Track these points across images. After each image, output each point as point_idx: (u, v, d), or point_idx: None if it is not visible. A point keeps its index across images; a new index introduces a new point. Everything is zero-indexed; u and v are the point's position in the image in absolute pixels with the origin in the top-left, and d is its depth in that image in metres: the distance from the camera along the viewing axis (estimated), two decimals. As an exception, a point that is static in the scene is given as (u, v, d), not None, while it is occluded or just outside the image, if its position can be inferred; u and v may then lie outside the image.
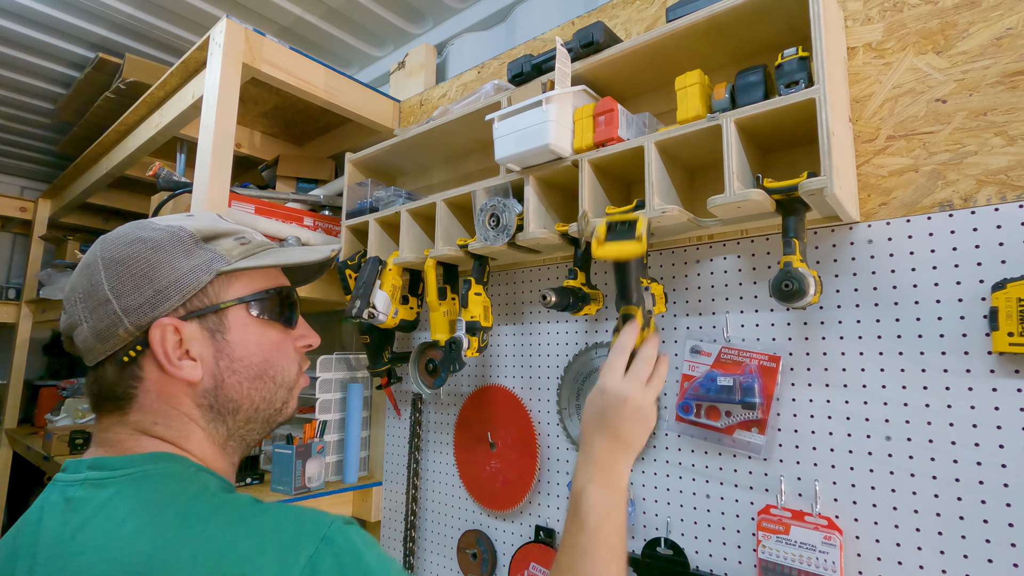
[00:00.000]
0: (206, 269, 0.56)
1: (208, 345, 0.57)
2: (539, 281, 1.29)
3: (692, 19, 0.90)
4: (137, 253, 0.55)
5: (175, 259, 0.55)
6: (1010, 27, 0.77)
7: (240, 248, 0.60)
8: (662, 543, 1.01)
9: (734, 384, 0.93)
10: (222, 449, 0.59)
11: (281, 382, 0.62)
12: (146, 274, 0.54)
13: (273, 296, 0.62)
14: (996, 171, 0.77)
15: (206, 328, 0.57)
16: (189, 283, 0.55)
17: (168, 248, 0.56)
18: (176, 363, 0.55)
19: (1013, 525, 0.71)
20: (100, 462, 0.53)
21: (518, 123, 0.99)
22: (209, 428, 0.58)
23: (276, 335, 0.62)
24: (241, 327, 0.59)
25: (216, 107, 1.27)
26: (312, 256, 0.66)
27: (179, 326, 0.55)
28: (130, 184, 2.49)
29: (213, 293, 0.57)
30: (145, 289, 0.54)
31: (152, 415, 0.55)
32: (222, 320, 0.58)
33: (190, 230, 0.58)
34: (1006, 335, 0.71)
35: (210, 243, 0.58)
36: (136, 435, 0.55)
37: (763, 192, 0.79)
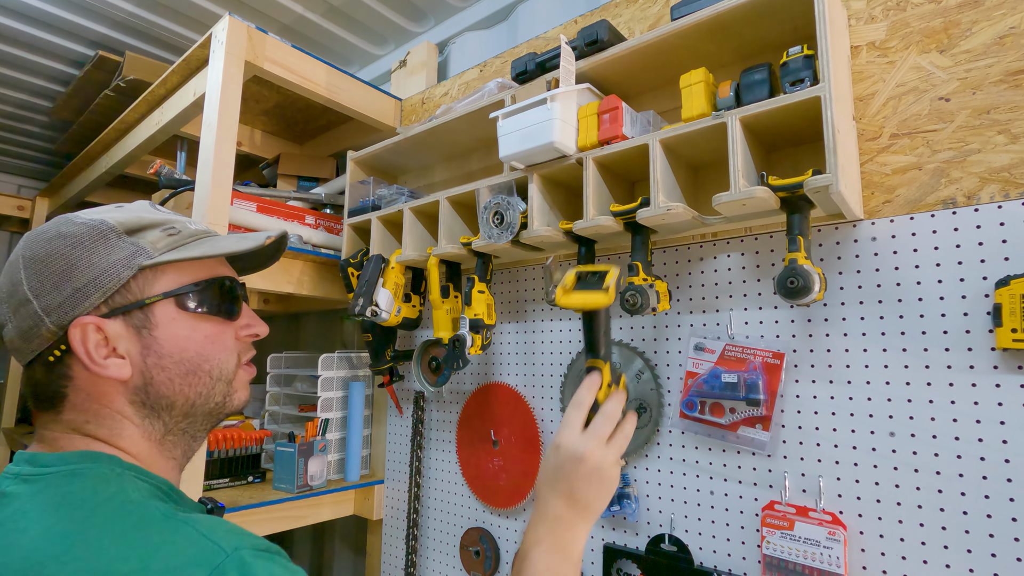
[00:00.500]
0: (127, 264, 0.54)
1: (135, 342, 0.55)
2: (542, 279, 1.30)
3: (697, 17, 0.90)
4: (56, 250, 0.53)
5: (95, 255, 0.53)
6: (1013, 26, 0.78)
7: (167, 239, 0.57)
8: (666, 539, 1.01)
9: (738, 381, 0.93)
10: (159, 445, 0.58)
11: (218, 376, 0.60)
12: (64, 272, 0.52)
13: (206, 288, 0.59)
14: (999, 169, 0.77)
15: (131, 325, 0.55)
16: (109, 279, 0.53)
17: (88, 244, 0.53)
18: (100, 362, 0.53)
19: (1016, 520, 0.72)
20: (35, 458, 0.53)
21: (522, 121, 1.00)
22: (144, 425, 0.56)
23: (211, 328, 0.60)
24: (169, 322, 0.56)
25: (219, 105, 1.26)
26: (244, 244, 0.61)
27: (101, 324, 0.53)
28: (130, 182, 2.49)
29: (137, 288, 0.55)
30: (64, 288, 0.52)
31: (84, 414, 0.54)
32: (148, 316, 0.55)
33: (111, 223, 0.55)
34: (1010, 331, 0.72)
35: (134, 236, 0.56)
36: (69, 434, 0.54)
37: (768, 190, 0.80)
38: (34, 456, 0.53)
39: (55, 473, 0.51)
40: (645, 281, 0.95)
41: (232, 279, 0.63)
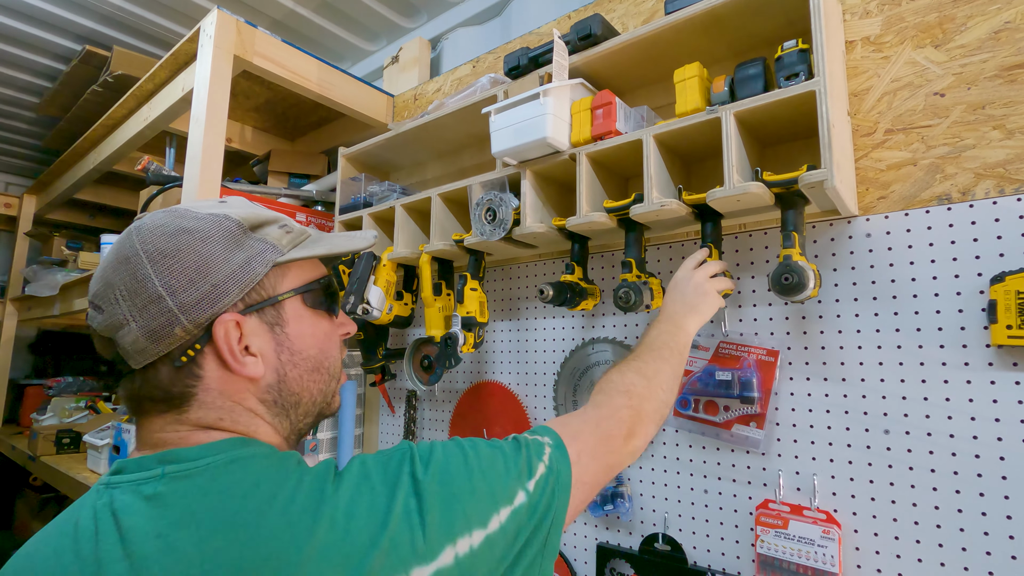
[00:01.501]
0: (262, 261, 0.54)
1: (268, 339, 0.54)
2: (535, 276, 1.29)
3: (691, 11, 0.89)
4: (186, 245, 0.51)
5: (227, 250, 0.52)
6: (1008, 21, 0.77)
7: (287, 237, 0.57)
8: (660, 539, 1.00)
9: (732, 378, 0.92)
10: (286, 442, 0.57)
11: (333, 373, 0.61)
12: (200, 268, 0.50)
13: (322, 286, 0.60)
14: (994, 164, 0.77)
15: (265, 322, 0.54)
16: (246, 276, 0.52)
17: (217, 238, 0.52)
18: (241, 360, 0.52)
19: (1011, 518, 0.71)
20: (172, 455, 0.49)
21: (515, 116, 0.98)
22: (275, 423, 0.55)
23: (326, 325, 0.60)
24: (297, 319, 0.56)
25: (207, 100, 1.24)
26: (357, 243, 0.63)
27: (240, 321, 0.52)
28: (118, 179, 2.46)
29: (270, 285, 0.54)
30: (201, 284, 0.50)
31: (216, 411, 0.52)
32: (280, 313, 0.55)
33: (236, 218, 0.54)
34: (1005, 328, 0.71)
35: (257, 232, 0.55)
36: (202, 430, 0.52)
37: (762, 185, 0.79)
38: (172, 453, 0.50)
39: (215, 462, 0.48)
40: (639, 278, 0.94)
41: (333, 279, 0.64)
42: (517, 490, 0.52)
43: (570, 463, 0.58)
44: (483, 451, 0.55)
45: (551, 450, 0.58)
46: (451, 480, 0.50)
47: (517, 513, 0.51)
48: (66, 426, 2.14)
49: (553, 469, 0.56)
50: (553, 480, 0.55)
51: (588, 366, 1.15)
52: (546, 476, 0.55)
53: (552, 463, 0.56)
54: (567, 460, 0.58)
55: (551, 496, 0.54)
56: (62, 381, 2.62)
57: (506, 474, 0.53)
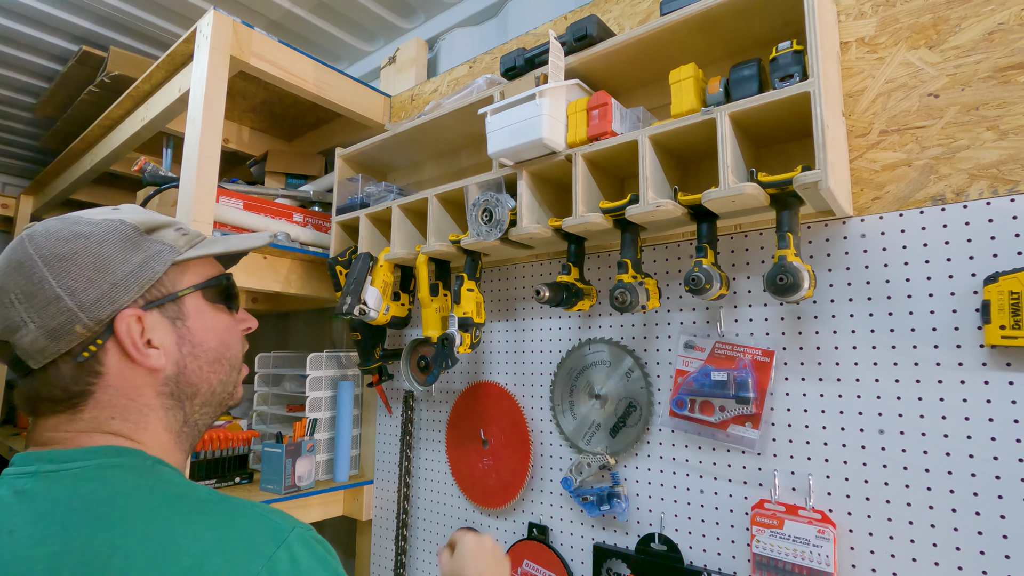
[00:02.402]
0: (160, 260, 0.58)
1: (170, 333, 0.58)
2: (532, 277, 1.29)
3: (686, 13, 0.89)
4: (82, 248, 0.54)
5: (125, 251, 0.56)
6: (1002, 22, 0.78)
7: (184, 238, 0.62)
8: (656, 539, 1.00)
9: (728, 379, 0.92)
10: (177, 437, 0.60)
11: (234, 364, 0.65)
12: (98, 268, 0.54)
13: (222, 282, 0.65)
14: (988, 165, 0.77)
15: (166, 317, 0.58)
16: (145, 274, 0.56)
17: (116, 241, 0.56)
18: (143, 352, 0.56)
19: (1005, 517, 0.72)
20: (52, 455, 0.52)
21: (511, 117, 0.99)
22: (167, 416, 0.59)
23: (227, 319, 0.65)
24: (198, 313, 0.61)
25: (203, 101, 1.24)
26: (252, 243, 0.68)
27: (141, 316, 0.56)
28: (115, 180, 2.45)
29: (169, 282, 0.59)
30: (100, 283, 0.54)
31: (110, 410, 0.55)
32: (180, 308, 0.59)
33: (131, 223, 0.58)
34: (998, 328, 0.71)
35: (154, 234, 0.59)
36: (88, 432, 0.54)
37: (757, 186, 0.79)
38: (51, 453, 0.52)
39: (84, 467, 0.51)
40: (635, 279, 0.94)
41: (231, 276, 0.68)
42: None
43: None
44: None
45: None
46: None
47: None
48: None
49: None
50: None
51: (585, 366, 1.15)
52: None
53: None
54: None
55: None
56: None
57: None
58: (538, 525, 1.19)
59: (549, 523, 1.18)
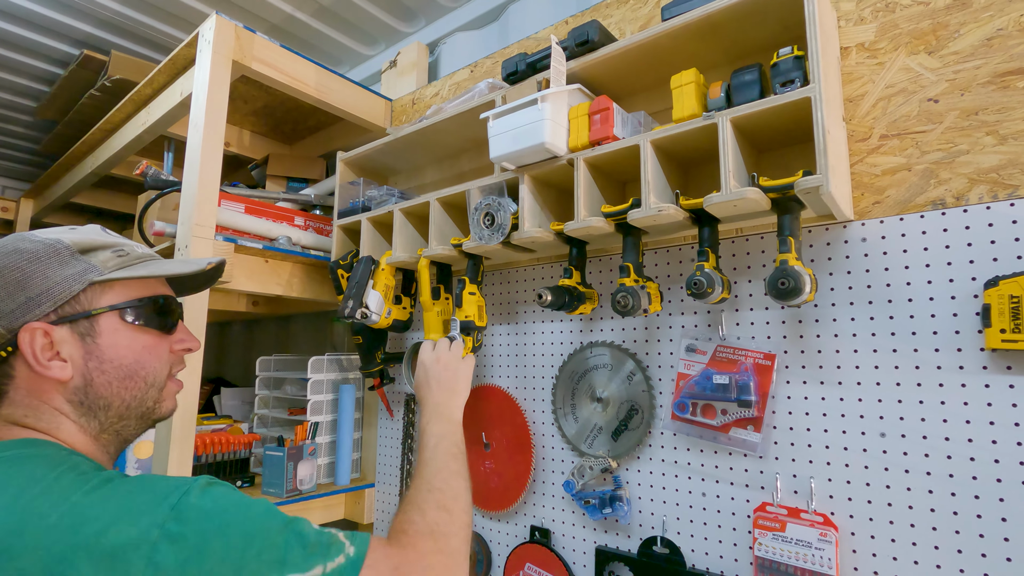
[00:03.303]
0: (78, 279, 0.62)
1: (78, 347, 0.62)
2: (534, 280, 1.29)
3: (687, 18, 0.90)
4: (13, 263, 0.60)
5: (49, 269, 0.61)
6: (1001, 28, 0.78)
7: (116, 260, 0.65)
8: (658, 542, 1.01)
9: (730, 382, 0.93)
10: (95, 440, 0.64)
11: (152, 382, 0.68)
12: (19, 282, 0.59)
13: (148, 304, 0.68)
14: (988, 170, 0.78)
15: (77, 332, 0.62)
16: (61, 291, 0.61)
17: (44, 259, 0.61)
18: (45, 363, 0.60)
19: (1006, 520, 0.72)
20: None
21: (513, 121, 0.99)
22: (80, 421, 0.63)
23: (148, 339, 0.68)
24: (112, 332, 0.64)
25: (205, 105, 1.25)
26: (186, 268, 0.72)
27: (49, 330, 0.60)
28: (116, 183, 2.46)
29: (86, 300, 0.63)
30: (17, 296, 0.59)
31: (23, 408, 0.61)
32: (93, 325, 0.63)
33: (67, 243, 0.63)
34: (999, 332, 0.72)
35: (87, 255, 0.64)
36: (7, 426, 0.60)
37: (759, 191, 0.79)
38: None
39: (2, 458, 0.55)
40: (636, 282, 0.94)
41: (169, 297, 0.72)
42: None
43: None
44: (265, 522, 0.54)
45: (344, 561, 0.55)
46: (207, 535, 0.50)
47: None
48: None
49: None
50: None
51: (586, 370, 1.15)
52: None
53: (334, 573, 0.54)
54: None
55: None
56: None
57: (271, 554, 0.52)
58: (540, 528, 1.19)
59: (551, 526, 1.18)
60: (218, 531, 0.51)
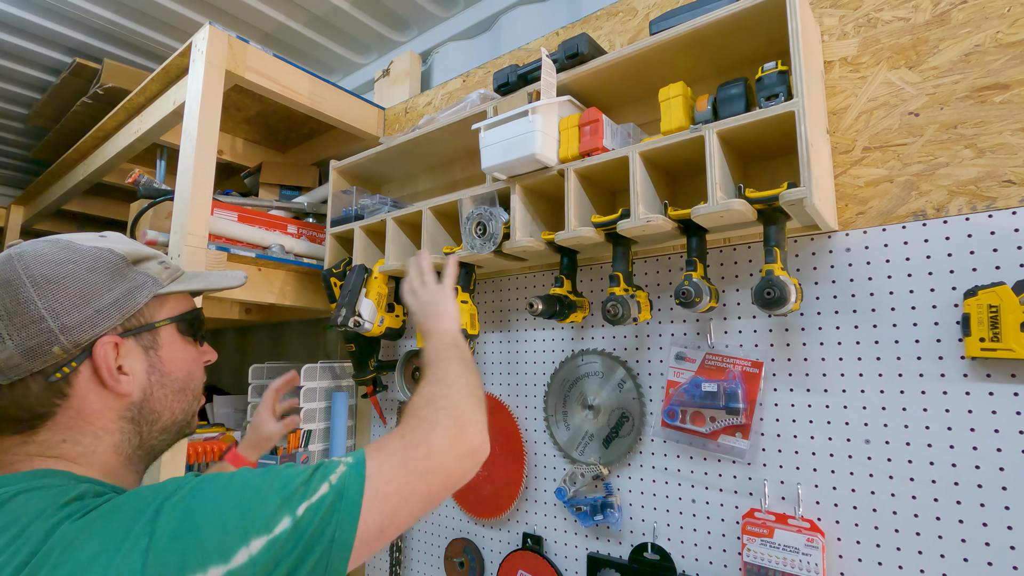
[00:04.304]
0: (143, 291, 0.61)
1: (142, 361, 0.61)
2: (525, 289, 1.30)
3: (674, 32, 0.91)
4: (71, 273, 0.56)
5: (113, 280, 0.59)
6: (978, 44, 0.81)
7: (166, 272, 0.65)
8: (649, 548, 1.02)
9: (718, 390, 0.94)
10: (128, 460, 0.61)
11: (196, 395, 0.68)
12: (84, 294, 0.56)
13: (194, 317, 0.69)
14: (966, 182, 0.80)
15: (141, 345, 0.61)
16: (129, 303, 0.59)
17: (104, 269, 0.59)
18: (116, 377, 0.58)
19: (987, 524, 0.74)
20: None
21: (504, 132, 1.00)
22: (122, 440, 0.60)
23: (194, 352, 0.68)
24: (170, 344, 0.64)
25: (198, 114, 1.25)
26: (228, 282, 0.73)
27: (119, 343, 0.58)
28: (108, 190, 2.44)
29: (148, 313, 0.62)
30: (85, 308, 0.56)
31: (62, 433, 0.56)
32: (156, 338, 0.62)
33: (120, 253, 0.61)
34: (978, 340, 0.74)
35: (139, 265, 0.63)
36: (32, 457, 0.55)
37: (745, 202, 0.81)
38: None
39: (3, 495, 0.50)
40: (626, 291, 0.96)
41: (201, 312, 0.72)
42: (280, 517, 0.49)
43: (364, 477, 0.55)
44: (254, 479, 0.52)
45: (345, 468, 0.55)
46: (195, 513, 0.48)
47: (275, 542, 0.48)
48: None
49: (337, 487, 0.53)
50: (332, 499, 0.52)
51: (578, 377, 1.16)
52: (324, 497, 0.52)
53: (340, 481, 0.53)
54: (361, 475, 0.55)
55: (327, 516, 0.51)
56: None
57: (271, 501, 0.50)
58: (532, 535, 1.20)
59: (543, 533, 1.19)
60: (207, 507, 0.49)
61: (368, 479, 0.55)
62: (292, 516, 0.50)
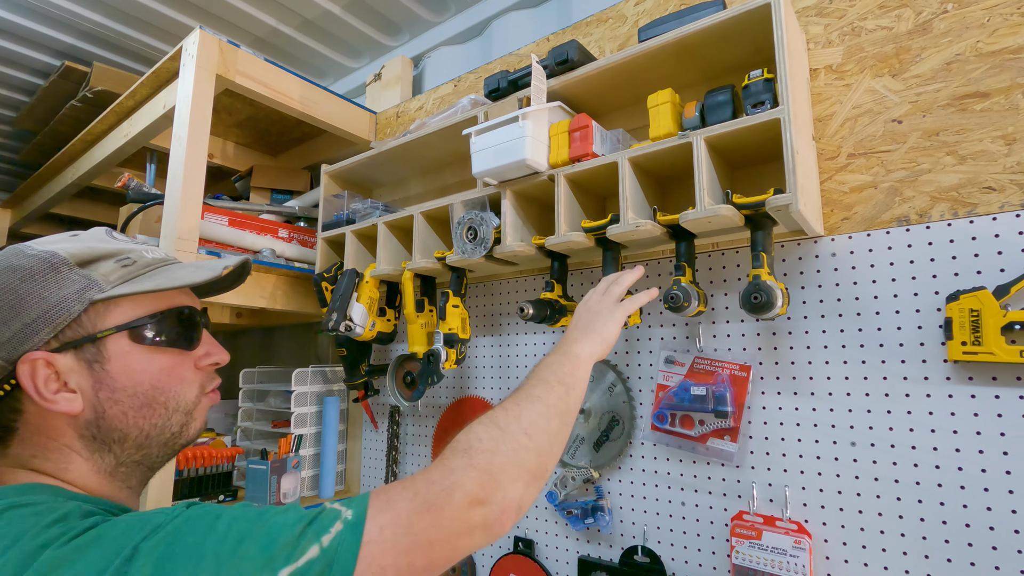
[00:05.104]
0: (77, 298, 0.53)
1: (86, 376, 0.54)
2: (516, 293, 1.31)
3: (663, 40, 0.92)
4: (6, 284, 0.52)
5: (44, 288, 0.53)
6: (959, 53, 0.82)
7: (121, 271, 0.57)
8: (639, 551, 1.02)
9: (707, 393, 0.95)
10: (111, 477, 0.57)
11: (176, 407, 0.59)
12: (13, 306, 0.52)
13: (162, 320, 0.58)
14: (948, 188, 0.81)
15: (82, 359, 0.54)
16: (59, 314, 0.53)
17: (39, 277, 0.53)
18: (50, 397, 0.52)
19: (970, 526, 0.75)
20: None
21: (495, 138, 1.01)
22: (93, 458, 0.56)
23: (167, 360, 0.59)
24: (123, 355, 0.56)
25: (189, 119, 1.25)
26: (200, 276, 0.60)
27: (51, 359, 0.52)
28: (97, 194, 2.43)
29: (88, 322, 0.54)
30: (13, 323, 0.52)
31: (31, 448, 0.54)
32: (100, 350, 0.55)
33: (63, 255, 0.54)
34: (960, 344, 0.75)
35: (86, 267, 0.55)
36: (12, 470, 0.53)
37: (732, 208, 0.82)
38: None
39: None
40: (616, 296, 0.96)
41: (190, 308, 0.62)
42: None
43: (360, 545, 0.47)
44: (241, 525, 0.47)
45: (342, 527, 0.48)
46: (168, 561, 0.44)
47: None
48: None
49: (329, 553, 0.46)
50: (320, 568, 0.45)
51: (568, 381, 1.17)
52: (312, 563, 0.45)
53: (332, 545, 0.46)
54: (357, 542, 0.47)
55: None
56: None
57: (249, 556, 0.44)
58: (523, 539, 1.20)
59: (534, 537, 1.19)
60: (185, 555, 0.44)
61: (364, 547, 0.47)
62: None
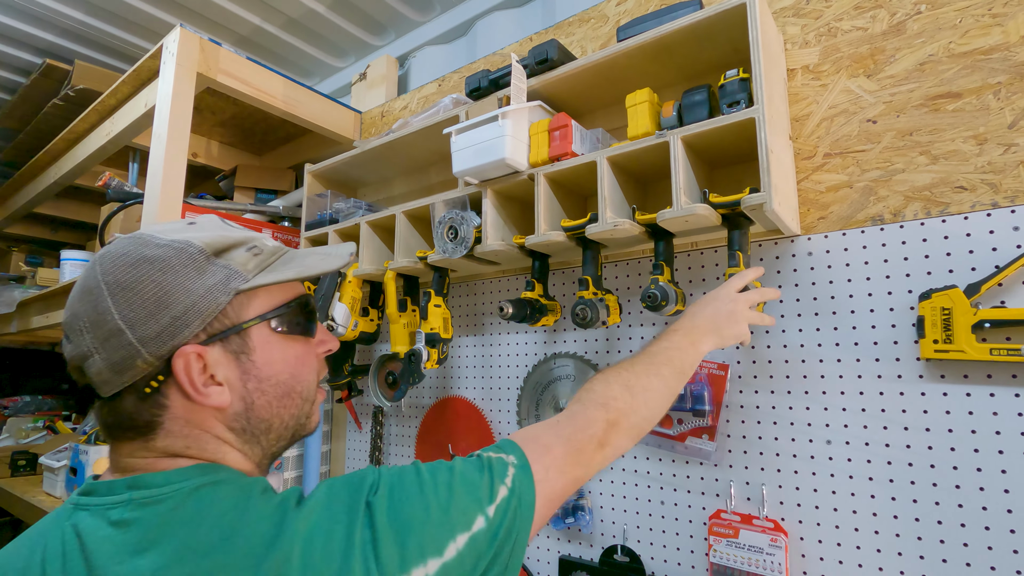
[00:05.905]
0: (223, 289, 0.53)
1: (234, 368, 0.54)
2: (499, 292, 1.30)
3: (641, 39, 0.93)
4: (145, 276, 0.50)
5: (188, 280, 0.51)
6: (931, 54, 0.83)
7: (254, 260, 0.56)
8: (619, 550, 1.02)
9: (685, 392, 0.95)
10: (257, 467, 0.57)
11: (306, 396, 0.60)
12: (159, 300, 0.50)
13: (294, 308, 0.59)
14: (921, 188, 0.82)
15: (229, 351, 0.54)
16: (207, 306, 0.52)
17: (178, 268, 0.51)
18: (203, 391, 0.52)
19: (942, 523, 0.75)
20: (140, 480, 0.50)
21: (475, 137, 1.01)
22: (244, 449, 0.56)
23: (299, 348, 0.59)
24: (265, 345, 0.56)
25: (169, 117, 1.24)
26: (331, 264, 0.62)
27: (202, 352, 0.51)
28: (80, 193, 2.41)
29: (233, 313, 0.54)
30: (161, 317, 0.50)
31: (183, 439, 0.53)
32: (245, 341, 0.54)
33: (199, 244, 0.53)
34: (932, 342, 0.75)
35: (221, 257, 0.54)
36: (169, 457, 0.52)
37: (709, 207, 0.82)
38: (138, 479, 0.50)
39: (181, 489, 0.49)
40: (595, 295, 0.96)
41: (310, 297, 0.63)
42: (476, 516, 0.51)
43: (534, 483, 0.56)
44: (441, 476, 0.53)
45: (515, 471, 0.56)
46: (404, 508, 0.49)
47: (475, 540, 0.49)
48: (22, 447, 2.07)
49: (515, 491, 0.54)
50: (515, 503, 0.53)
51: (550, 380, 1.17)
52: (507, 500, 0.53)
53: (515, 485, 0.54)
54: (531, 481, 0.56)
55: (512, 520, 0.53)
56: (19, 400, 2.53)
57: (465, 500, 0.51)
58: (506, 539, 1.20)
59: (516, 537, 1.19)
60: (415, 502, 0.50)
61: (537, 484, 0.56)
62: (485, 516, 0.51)
